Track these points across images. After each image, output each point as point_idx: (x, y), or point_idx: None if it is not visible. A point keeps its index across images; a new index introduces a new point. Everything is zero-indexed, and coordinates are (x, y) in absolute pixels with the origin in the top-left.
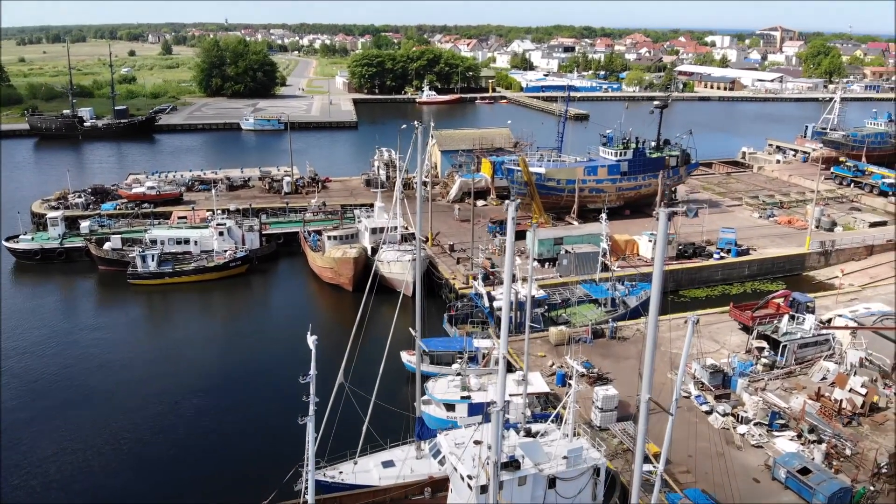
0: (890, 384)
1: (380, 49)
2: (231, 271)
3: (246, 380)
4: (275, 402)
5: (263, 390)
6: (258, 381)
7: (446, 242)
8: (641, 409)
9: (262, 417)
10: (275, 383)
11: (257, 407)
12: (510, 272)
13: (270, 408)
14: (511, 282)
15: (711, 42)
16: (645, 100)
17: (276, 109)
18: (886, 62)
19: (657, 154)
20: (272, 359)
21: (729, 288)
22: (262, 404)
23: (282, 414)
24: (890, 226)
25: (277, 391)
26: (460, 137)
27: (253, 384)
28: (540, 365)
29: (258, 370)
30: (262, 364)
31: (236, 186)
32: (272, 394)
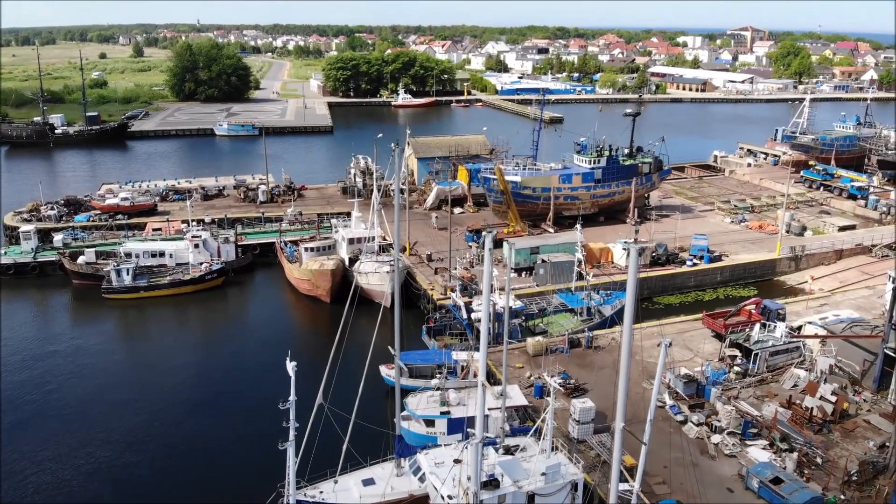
0: (859, 391)
1: (354, 50)
2: (207, 284)
3: (224, 397)
4: (255, 419)
5: (243, 407)
6: (237, 398)
7: (424, 252)
8: (616, 439)
9: (242, 435)
10: (254, 400)
11: (237, 424)
12: (486, 322)
13: (250, 426)
14: (488, 327)
15: (683, 42)
16: (618, 101)
17: (250, 114)
18: (855, 62)
19: (630, 161)
20: (251, 374)
21: (702, 294)
22: (242, 422)
23: (262, 432)
24: (858, 230)
25: (257, 408)
26: (436, 144)
27: (232, 401)
28: (518, 377)
29: (237, 387)
30: (240, 380)
31: (211, 196)
32: (252, 411)
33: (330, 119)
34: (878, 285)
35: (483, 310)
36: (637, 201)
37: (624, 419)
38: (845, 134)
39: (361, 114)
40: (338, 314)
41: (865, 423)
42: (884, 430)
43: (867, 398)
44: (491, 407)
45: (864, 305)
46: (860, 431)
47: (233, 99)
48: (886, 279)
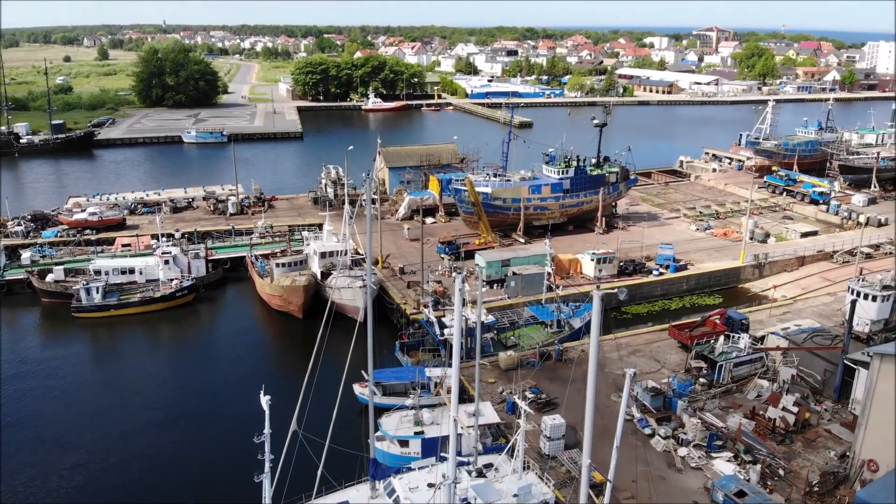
0: (821, 400)
1: (323, 52)
2: (178, 301)
3: (198, 418)
4: (230, 443)
5: (216, 428)
6: (210, 420)
7: (396, 265)
8: (583, 475)
9: (217, 461)
10: (227, 421)
11: (210, 446)
12: (458, 361)
13: (225, 451)
14: (459, 362)
15: (650, 43)
16: (587, 105)
17: (218, 120)
18: (818, 62)
19: (598, 171)
20: (224, 395)
21: (669, 303)
22: (217, 447)
23: (238, 458)
24: (820, 235)
25: (231, 430)
26: (407, 153)
27: (205, 422)
28: (490, 392)
29: (209, 407)
30: (213, 401)
31: (180, 208)
32: (225, 432)
33: (300, 124)
34: (839, 292)
35: (454, 359)
36: (605, 210)
37: (590, 456)
38: (807, 139)
39: (331, 118)
40: (310, 330)
41: (826, 433)
42: (844, 440)
43: (828, 407)
44: (465, 425)
45: (826, 313)
46: (821, 441)
47: (201, 104)
48: (847, 289)
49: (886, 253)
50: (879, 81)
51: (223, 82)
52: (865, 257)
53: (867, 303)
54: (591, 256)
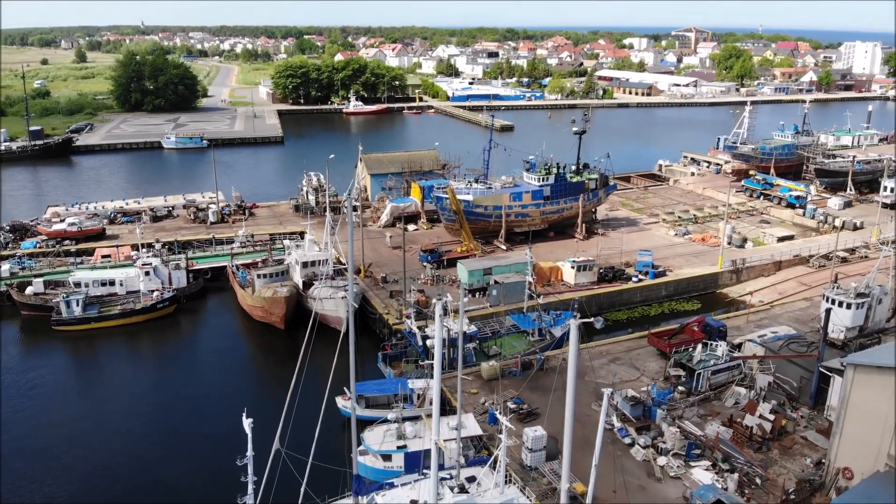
0: (797, 407)
1: (303, 53)
2: (159, 313)
3: (180, 435)
4: (212, 459)
5: (199, 446)
6: (193, 436)
7: (379, 274)
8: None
9: (199, 477)
10: (210, 438)
11: (193, 465)
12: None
13: (207, 466)
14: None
15: (630, 44)
16: (567, 108)
17: (198, 125)
18: (795, 62)
19: (577, 178)
20: (206, 410)
21: (648, 309)
22: (198, 463)
23: (220, 473)
24: (797, 239)
25: (214, 446)
26: (389, 160)
27: (187, 439)
28: (473, 403)
29: (192, 423)
30: (195, 416)
31: (160, 217)
32: (208, 450)
33: (280, 129)
34: (815, 297)
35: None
36: (585, 216)
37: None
38: (784, 142)
39: (312, 121)
40: (293, 340)
41: (803, 440)
42: (820, 447)
43: (804, 414)
44: (446, 438)
45: (802, 318)
46: (798, 448)
47: (180, 108)
48: (822, 296)
49: (861, 257)
50: (856, 82)
51: (203, 86)
52: (841, 261)
53: (842, 310)
54: (572, 264)
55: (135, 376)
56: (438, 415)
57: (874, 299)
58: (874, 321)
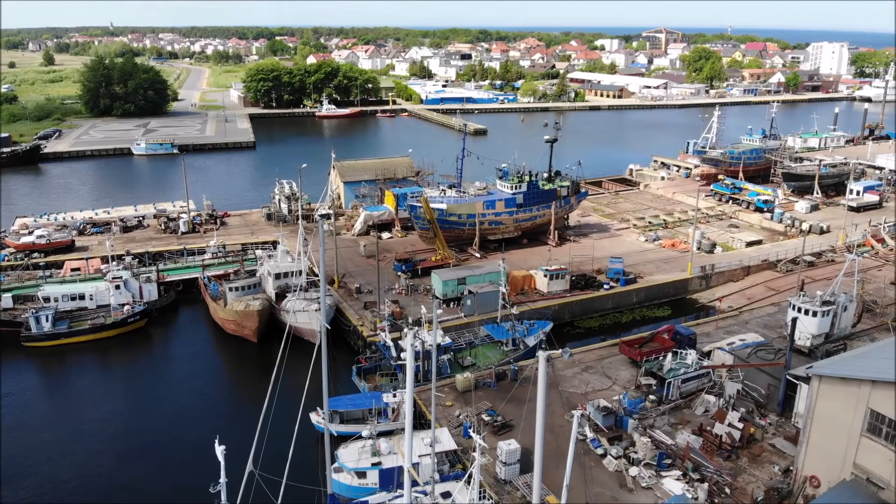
0: (765, 414)
1: (275, 54)
2: (130, 327)
3: (151, 455)
4: (184, 481)
5: (171, 465)
6: (165, 456)
7: (353, 284)
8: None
9: (171, 496)
10: (182, 458)
11: (165, 488)
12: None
13: (179, 489)
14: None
15: (601, 46)
16: (540, 111)
17: (168, 130)
18: (763, 63)
19: (549, 186)
20: (178, 429)
21: (620, 316)
22: (170, 485)
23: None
24: (765, 244)
25: (186, 465)
26: (362, 167)
27: (159, 460)
28: (447, 416)
29: (164, 443)
30: (167, 436)
31: (130, 227)
32: (180, 471)
33: (252, 134)
34: (782, 302)
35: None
36: (557, 223)
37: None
38: (752, 147)
39: (285, 125)
40: (266, 354)
41: (771, 448)
42: (788, 454)
43: (772, 421)
44: (421, 454)
45: (770, 323)
46: (766, 456)
47: (150, 113)
48: (789, 304)
49: (828, 261)
50: (823, 83)
51: (173, 90)
52: (808, 265)
53: (808, 318)
54: (545, 273)
55: (105, 393)
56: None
57: (839, 307)
58: (840, 328)
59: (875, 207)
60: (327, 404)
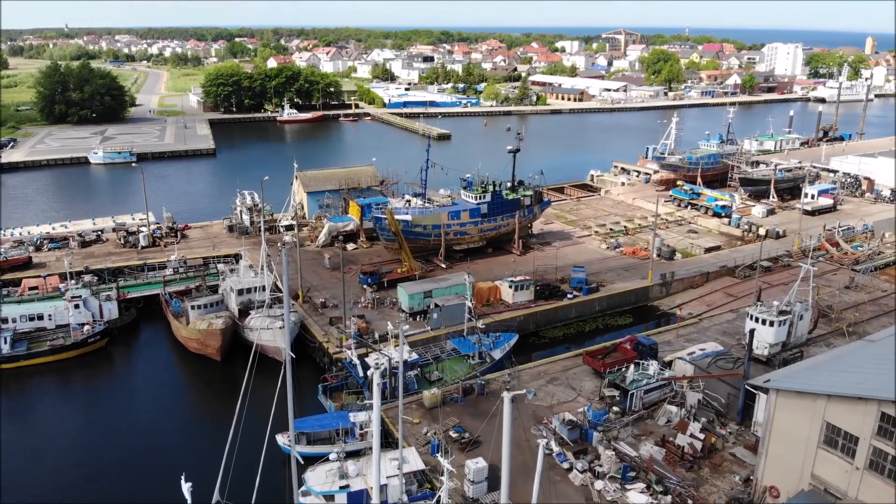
0: (725, 423)
1: (235, 56)
2: (90, 347)
3: (114, 483)
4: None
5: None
6: (128, 484)
7: (318, 299)
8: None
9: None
10: (147, 483)
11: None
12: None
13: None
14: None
15: (561, 48)
16: (502, 114)
17: (126, 137)
18: (720, 64)
19: (513, 195)
20: (142, 454)
21: (583, 324)
22: None
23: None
24: (723, 250)
25: (152, 489)
26: (325, 177)
27: (122, 489)
28: (415, 433)
29: (127, 466)
30: (131, 462)
31: (89, 242)
32: (145, 492)
33: (212, 140)
34: (741, 308)
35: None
36: (521, 232)
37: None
38: (709, 152)
39: (245, 131)
40: (230, 372)
41: (731, 457)
42: (748, 463)
43: (732, 430)
44: (389, 475)
45: (729, 330)
46: (727, 466)
47: (108, 119)
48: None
49: (784, 265)
50: (778, 84)
51: (130, 95)
52: (765, 271)
53: (765, 328)
54: (510, 284)
55: (67, 417)
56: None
57: (796, 315)
58: (796, 336)
59: (829, 210)
60: (293, 427)
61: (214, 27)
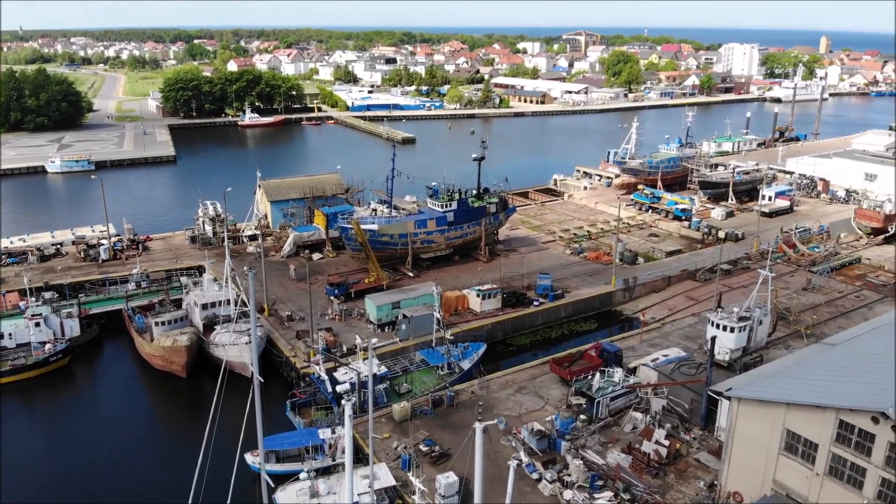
0: (689, 429)
1: (194, 59)
2: (52, 366)
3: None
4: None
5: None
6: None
7: (284, 311)
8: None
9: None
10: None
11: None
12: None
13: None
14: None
15: (523, 49)
16: (466, 117)
17: (84, 144)
18: (679, 65)
19: (479, 203)
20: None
21: (550, 331)
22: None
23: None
24: (684, 253)
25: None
26: (289, 186)
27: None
28: (385, 448)
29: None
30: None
31: (48, 256)
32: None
33: (172, 147)
34: (702, 311)
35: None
36: (487, 239)
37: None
38: (669, 156)
39: (206, 136)
40: (196, 390)
41: (696, 462)
42: (712, 468)
43: (696, 435)
44: (360, 492)
45: (691, 334)
46: (692, 471)
47: (65, 126)
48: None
49: (743, 268)
50: (735, 84)
51: (87, 101)
52: (725, 274)
53: (725, 334)
54: (477, 292)
55: (29, 439)
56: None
57: (755, 321)
58: (756, 341)
59: (787, 212)
60: (262, 447)
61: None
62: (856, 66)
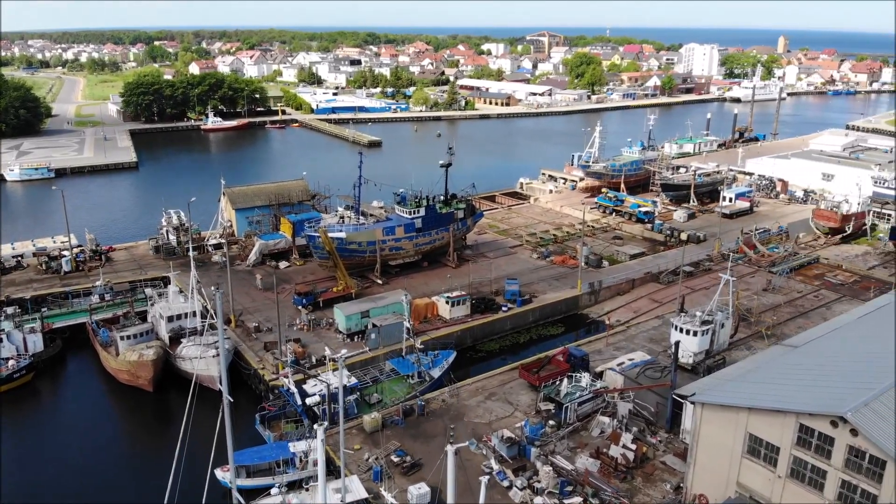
0: (655, 432)
1: (154, 60)
2: (15, 383)
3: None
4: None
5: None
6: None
7: (251, 323)
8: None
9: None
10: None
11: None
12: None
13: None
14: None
15: (487, 50)
16: (432, 119)
17: (44, 151)
18: (640, 66)
19: (447, 209)
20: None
21: (518, 336)
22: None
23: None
24: (647, 256)
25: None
26: (254, 193)
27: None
28: (357, 460)
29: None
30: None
31: (8, 269)
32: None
33: (134, 152)
34: (665, 314)
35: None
36: (455, 245)
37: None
38: (632, 159)
39: (169, 141)
40: (163, 403)
41: (662, 465)
42: (678, 470)
43: (662, 438)
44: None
45: (655, 337)
46: (658, 474)
47: (23, 133)
48: (671, 325)
49: (705, 270)
50: (696, 84)
51: (46, 106)
52: (687, 275)
53: (689, 338)
54: (446, 300)
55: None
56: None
57: (717, 324)
58: (719, 343)
59: (747, 213)
60: (233, 462)
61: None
62: (813, 66)
